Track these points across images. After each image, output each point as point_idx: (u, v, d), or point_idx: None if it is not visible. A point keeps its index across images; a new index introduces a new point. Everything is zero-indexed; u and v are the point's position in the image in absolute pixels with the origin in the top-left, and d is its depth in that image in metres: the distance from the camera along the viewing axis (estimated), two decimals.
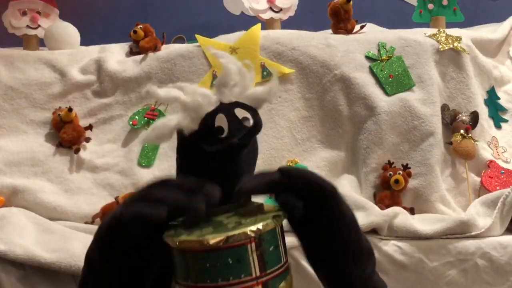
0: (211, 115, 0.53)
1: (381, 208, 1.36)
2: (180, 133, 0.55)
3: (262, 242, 0.47)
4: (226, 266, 0.46)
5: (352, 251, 0.54)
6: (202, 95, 0.54)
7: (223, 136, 0.53)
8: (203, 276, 0.47)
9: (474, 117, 1.58)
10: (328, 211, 0.53)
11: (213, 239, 0.45)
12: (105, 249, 0.52)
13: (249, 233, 0.46)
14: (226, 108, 0.54)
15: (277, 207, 0.53)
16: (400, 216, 1.32)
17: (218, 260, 0.46)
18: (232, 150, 0.55)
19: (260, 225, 0.47)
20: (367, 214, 1.30)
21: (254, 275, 0.47)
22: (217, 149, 0.53)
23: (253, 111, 0.56)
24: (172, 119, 0.54)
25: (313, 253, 0.56)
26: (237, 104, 0.55)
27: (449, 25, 1.74)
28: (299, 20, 1.75)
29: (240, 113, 0.55)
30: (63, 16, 1.77)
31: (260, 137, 0.59)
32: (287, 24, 1.73)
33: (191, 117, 0.54)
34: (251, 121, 0.55)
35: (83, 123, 1.57)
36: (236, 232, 0.46)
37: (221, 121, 0.54)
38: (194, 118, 0.54)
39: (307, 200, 0.52)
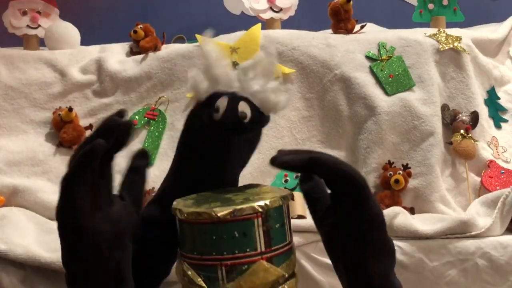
0: (217, 94, 0.55)
1: (381, 208, 1.36)
2: (188, 124, 0.57)
3: (269, 218, 0.48)
4: (232, 239, 0.47)
5: (373, 246, 0.54)
6: (225, 74, 0.56)
7: (215, 118, 0.55)
8: (209, 248, 0.47)
9: (474, 117, 1.58)
10: (355, 202, 0.52)
11: (221, 212, 0.46)
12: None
13: (256, 207, 0.47)
14: (233, 96, 0.55)
15: (284, 189, 0.53)
16: (400, 216, 1.32)
17: (225, 232, 0.47)
18: (223, 137, 0.56)
19: (267, 201, 0.48)
20: None
21: (259, 250, 0.48)
22: (210, 128, 0.54)
23: (256, 111, 0.56)
24: (202, 82, 0.56)
25: (334, 243, 0.56)
26: (245, 99, 0.56)
27: (449, 25, 1.74)
28: (299, 20, 1.75)
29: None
30: (63, 16, 1.77)
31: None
32: (287, 24, 1.73)
33: (207, 87, 0.56)
34: (246, 119, 0.55)
35: (83, 123, 1.57)
36: (244, 206, 0.47)
37: (218, 104, 0.55)
38: (209, 90, 0.56)
39: (335, 189, 0.52)
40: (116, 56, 1.68)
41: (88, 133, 1.56)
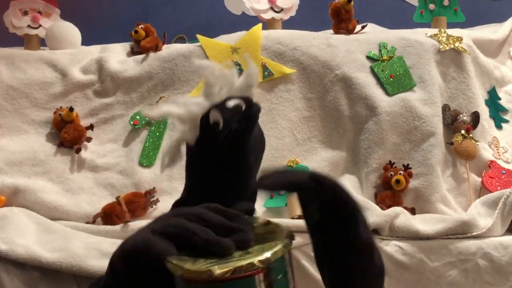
0: (204, 116, 0.54)
1: (382, 208, 1.37)
2: (187, 146, 0.55)
3: (271, 272, 0.45)
4: None
5: (360, 271, 0.54)
6: (194, 104, 0.56)
7: (220, 129, 0.54)
8: None
9: (475, 118, 1.58)
10: (345, 227, 0.52)
11: (220, 270, 0.43)
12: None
13: (257, 263, 0.44)
14: (217, 106, 0.55)
15: (285, 228, 0.50)
16: (401, 216, 1.32)
17: None
18: (237, 138, 0.56)
19: (268, 254, 0.45)
20: (368, 215, 1.30)
21: None
22: (224, 141, 0.54)
23: (245, 99, 0.56)
24: (174, 138, 0.56)
25: (322, 261, 0.55)
26: (228, 99, 0.56)
27: (450, 25, 1.74)
28: (300, 20, 1.75)
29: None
30: (64, 16, 1.77)
31: None
32: (288, 24, 1.73)
33: (190, 127, 0.55)
34: (243, 107, 0.56)
35: (84, 123, 1.58)
36: (244, 263, 0.44)
37: (213, 118, 0.55)
38: (193, 127, 0.55)
39: (329, 210, 0.52)
40: (117, 56, 1.68)
41: (89, 133, 1.56)
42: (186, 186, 0.63)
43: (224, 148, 0.55)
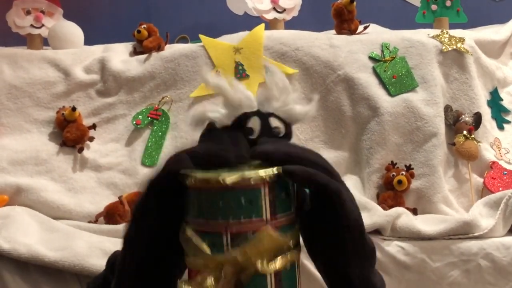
0: (247, 115, 0.55)
1: (384, 209, 1.37)
2: (211, 124, 0.56)
3: (275, 187, 0.49)
4: (238, 206, 0.48)
5: (351, 251, 0.54)
6: (245, 96, 0.56)
7: (252, 137, 0.55)
8: (215, 213, 0.48)
9: (477, 118, 1.58)
10: (332, 209, 0.53)
11: (229, 178, 0.47)
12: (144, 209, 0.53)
13: (263, 175, 0.48)
14: (262, 114, 0.56)
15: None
16: (403, 217, 1.32)
17: (231, 199, 0.48)
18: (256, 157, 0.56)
19: (275, 170, 0.49)
20: (370, 215, 1.30)
21: (264, 218, 0.48)
22: (244, 150, 0.54)
23: (286, 124, 0.57)
24: (212, 111, 0.56)
25: (314, 249, 0.56)
26: (273, 115, 0.56)
27: (452, 26, 1.74)
28: (302, 21, 1.75)
29: (273, 122, 0.57)
30: (67, 16, 1.78)
31: None
32: (290, 25, 1.73)
33: (228, 113, 0.55)
34: (282, 132, 0.56)
35: (86, 122, 1.58)
36: (252, 173, 0.48)
37: (253, 125, 0.56)
38: (231, 115, 0.56)
39: (313, 197, 0.53)
40: (119, 55, 1.68)
41: (91, 132, 1.56)
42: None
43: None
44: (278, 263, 0.49)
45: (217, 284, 0.47)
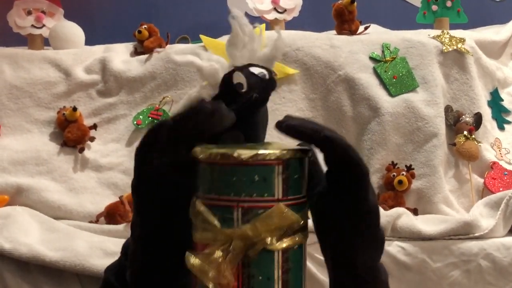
0: (229, 74, 0.55)
1: (385, 209, 1.37)
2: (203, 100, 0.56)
3: (289, 167, 0.49)
4: (251, 183, 0.47)
5: (364, 238, 0.53)
6: (217, 61, 0.56)
7: (243, 90, 0.55)
8: (227, 189, 0.48)
9: (478, 119, 1.58)
10: (354, 191, 0.51)
11: (244, 154, 0.47)
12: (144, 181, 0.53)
13: (278, 154, 0.48)
14: (241, 69, 0.56)
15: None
16: (403, 217, 1.32)
17: (245, 175, 0.48)
18: (253, 105, 0.57)
19: (290, 151, 0.49)
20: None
21: (276, 197, 0.48)
22: (241, 104, 0.55)
23: (267, 69, 0.57)
24: (193, 91, 0.57)
25: (324, 228, 0.54)
26: (251, 65, 0.57)
27: (453, 26, 1.74)
28: (303, 21, 1.75)
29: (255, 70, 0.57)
30: (67, 16, 1.78)
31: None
32: (291, 25, 1.74)
33: (210, 83, 0.56)
34: (267, 76, 0.56)
35: (87, 122, 1.58)
36: (267, 151, 0.48)
37: (238, 80, 0.56)
38: (213, 83, 0.56)
39: (336, 172, 0.51)
40: (120, 56, 1.68)
41: (92, 132, 1.56)
42: None
43: (237, 113, 0.55)
44: (287, 241, 0.49)
45: (225, 257, 0.47)
